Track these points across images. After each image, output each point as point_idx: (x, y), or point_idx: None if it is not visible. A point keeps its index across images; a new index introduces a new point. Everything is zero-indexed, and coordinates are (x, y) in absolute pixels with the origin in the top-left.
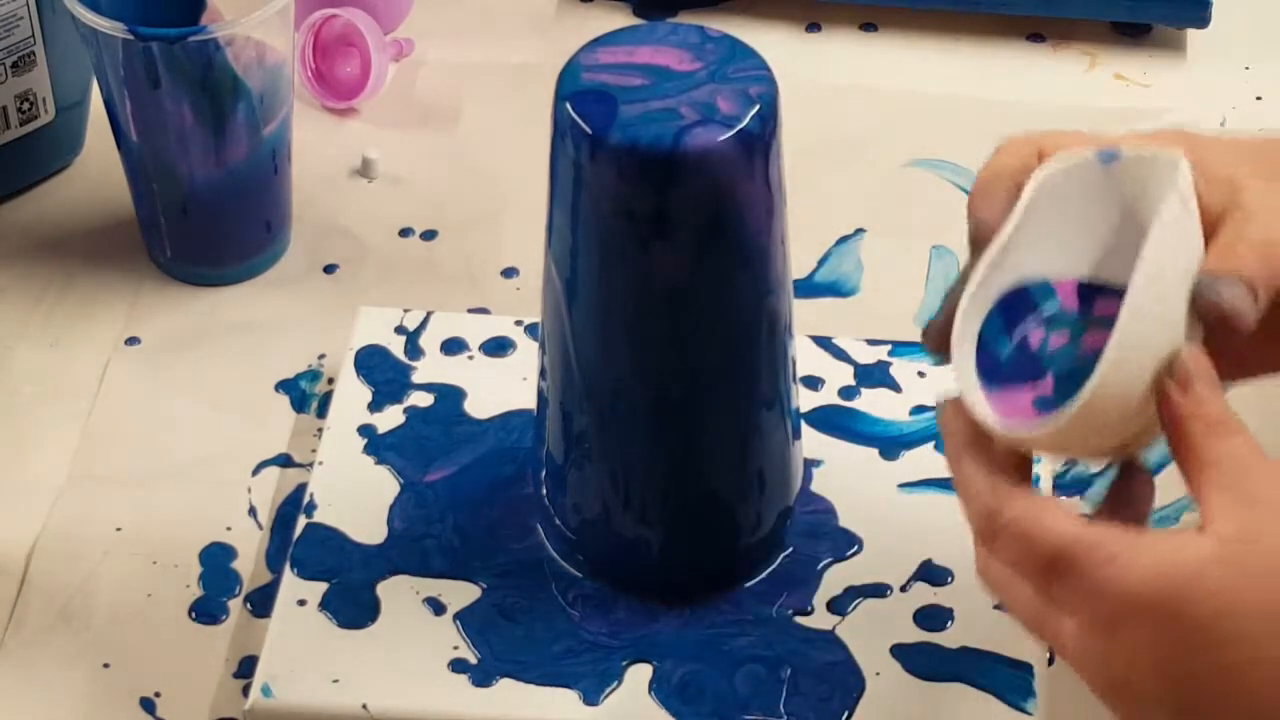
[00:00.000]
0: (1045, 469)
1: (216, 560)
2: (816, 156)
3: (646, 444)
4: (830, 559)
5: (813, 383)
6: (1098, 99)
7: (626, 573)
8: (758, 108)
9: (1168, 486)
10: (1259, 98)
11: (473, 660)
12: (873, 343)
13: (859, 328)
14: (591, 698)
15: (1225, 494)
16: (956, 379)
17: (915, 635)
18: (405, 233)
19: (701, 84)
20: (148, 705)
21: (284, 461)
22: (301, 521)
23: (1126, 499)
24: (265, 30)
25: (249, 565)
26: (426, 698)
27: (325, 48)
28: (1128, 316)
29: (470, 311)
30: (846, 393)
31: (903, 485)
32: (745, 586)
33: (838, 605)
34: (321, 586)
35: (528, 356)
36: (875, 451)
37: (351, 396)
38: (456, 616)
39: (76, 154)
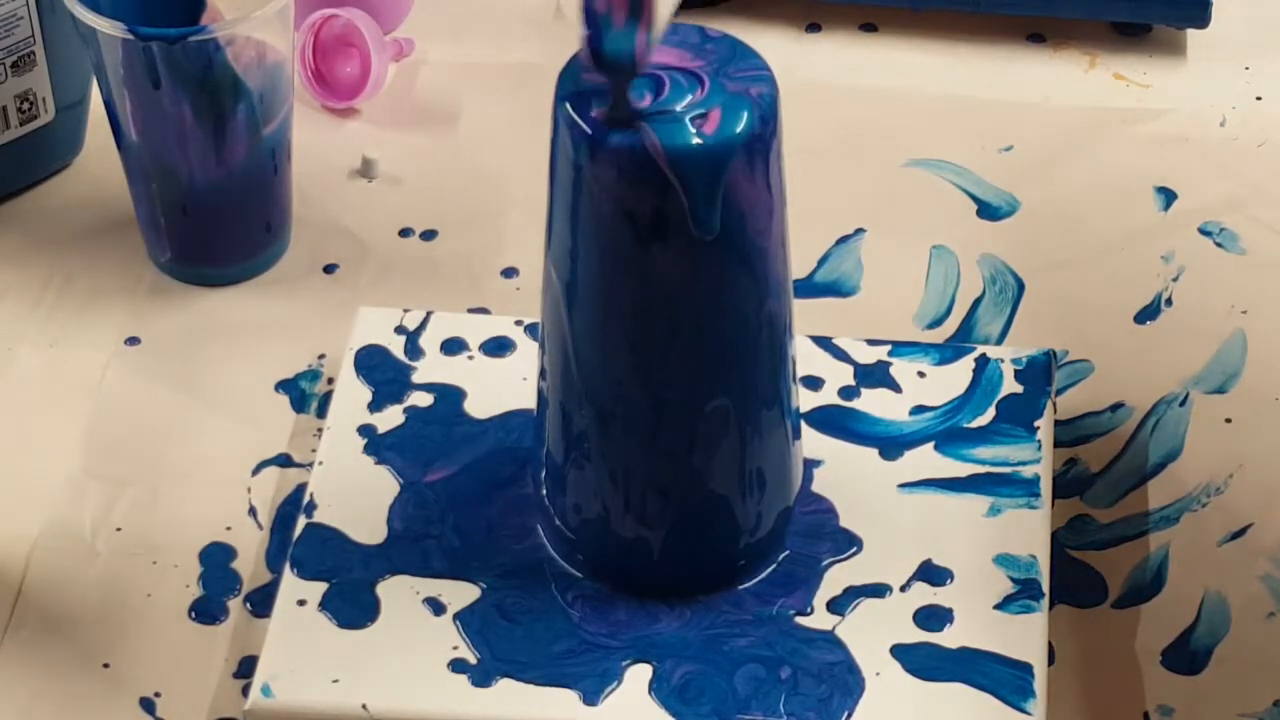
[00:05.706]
0: (1045, 469)
1: (216, 560)
2: (816, 156)
3: (646, 444)
4: (830, 559)
5: (813, 383)
6: (1098, 99)
7: (626, 573)
8: (758, 108)
9: (1168, 486)
10: (1259, 98)
11: (473, 660)
12: (873, 343)
13: (859, 328)
14: (591, 698)
15: None
16: None
17: (915, 635)
18: (405, 233)
19: (702, 84)
20: (148, 705)
21: (284, 461)
22: (301, 521)
23: None
24: (265, 30)
25: (249, 565)
26: (426, 698)
27: (325, 48)
28: None
29: (470, 311)
30: (846, 393)
31: (903, 485)
32: (745, 586)
33: (838, 605)
34: (321, 586)
35: (528, 356)
36: (875, 451)
37: (351, 396)
38: (456, 616)
39: (76, 154)
